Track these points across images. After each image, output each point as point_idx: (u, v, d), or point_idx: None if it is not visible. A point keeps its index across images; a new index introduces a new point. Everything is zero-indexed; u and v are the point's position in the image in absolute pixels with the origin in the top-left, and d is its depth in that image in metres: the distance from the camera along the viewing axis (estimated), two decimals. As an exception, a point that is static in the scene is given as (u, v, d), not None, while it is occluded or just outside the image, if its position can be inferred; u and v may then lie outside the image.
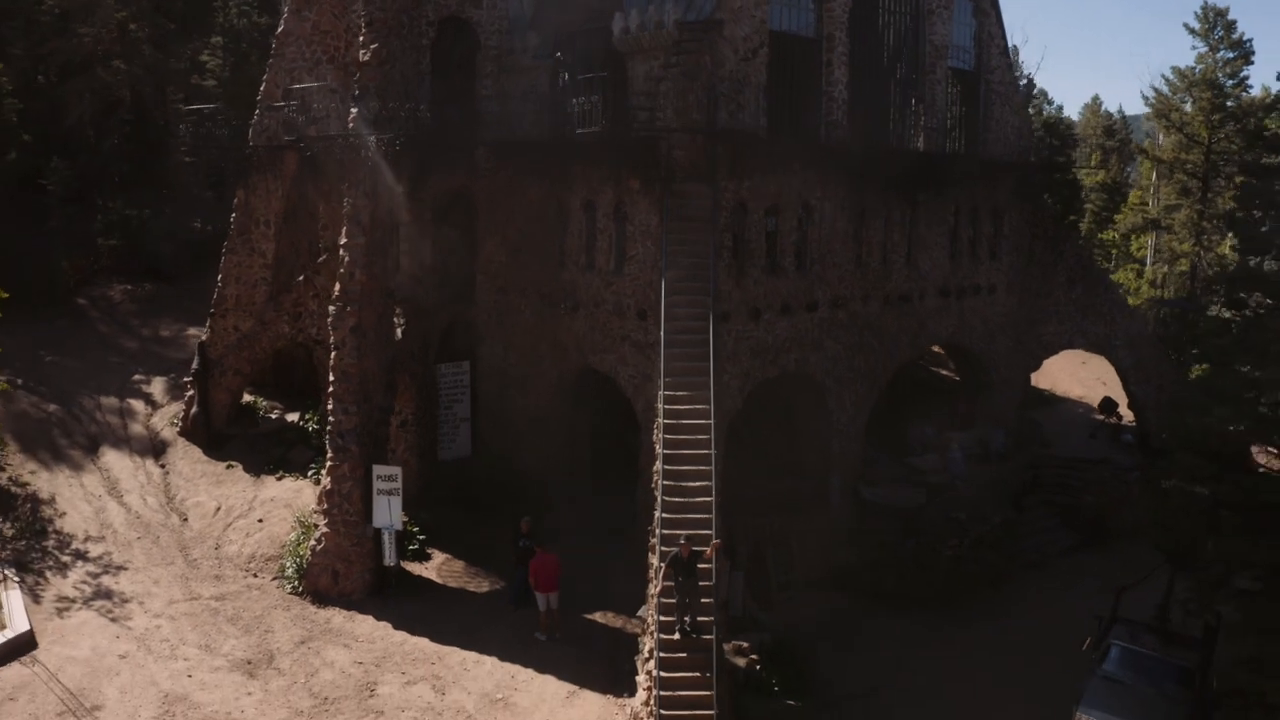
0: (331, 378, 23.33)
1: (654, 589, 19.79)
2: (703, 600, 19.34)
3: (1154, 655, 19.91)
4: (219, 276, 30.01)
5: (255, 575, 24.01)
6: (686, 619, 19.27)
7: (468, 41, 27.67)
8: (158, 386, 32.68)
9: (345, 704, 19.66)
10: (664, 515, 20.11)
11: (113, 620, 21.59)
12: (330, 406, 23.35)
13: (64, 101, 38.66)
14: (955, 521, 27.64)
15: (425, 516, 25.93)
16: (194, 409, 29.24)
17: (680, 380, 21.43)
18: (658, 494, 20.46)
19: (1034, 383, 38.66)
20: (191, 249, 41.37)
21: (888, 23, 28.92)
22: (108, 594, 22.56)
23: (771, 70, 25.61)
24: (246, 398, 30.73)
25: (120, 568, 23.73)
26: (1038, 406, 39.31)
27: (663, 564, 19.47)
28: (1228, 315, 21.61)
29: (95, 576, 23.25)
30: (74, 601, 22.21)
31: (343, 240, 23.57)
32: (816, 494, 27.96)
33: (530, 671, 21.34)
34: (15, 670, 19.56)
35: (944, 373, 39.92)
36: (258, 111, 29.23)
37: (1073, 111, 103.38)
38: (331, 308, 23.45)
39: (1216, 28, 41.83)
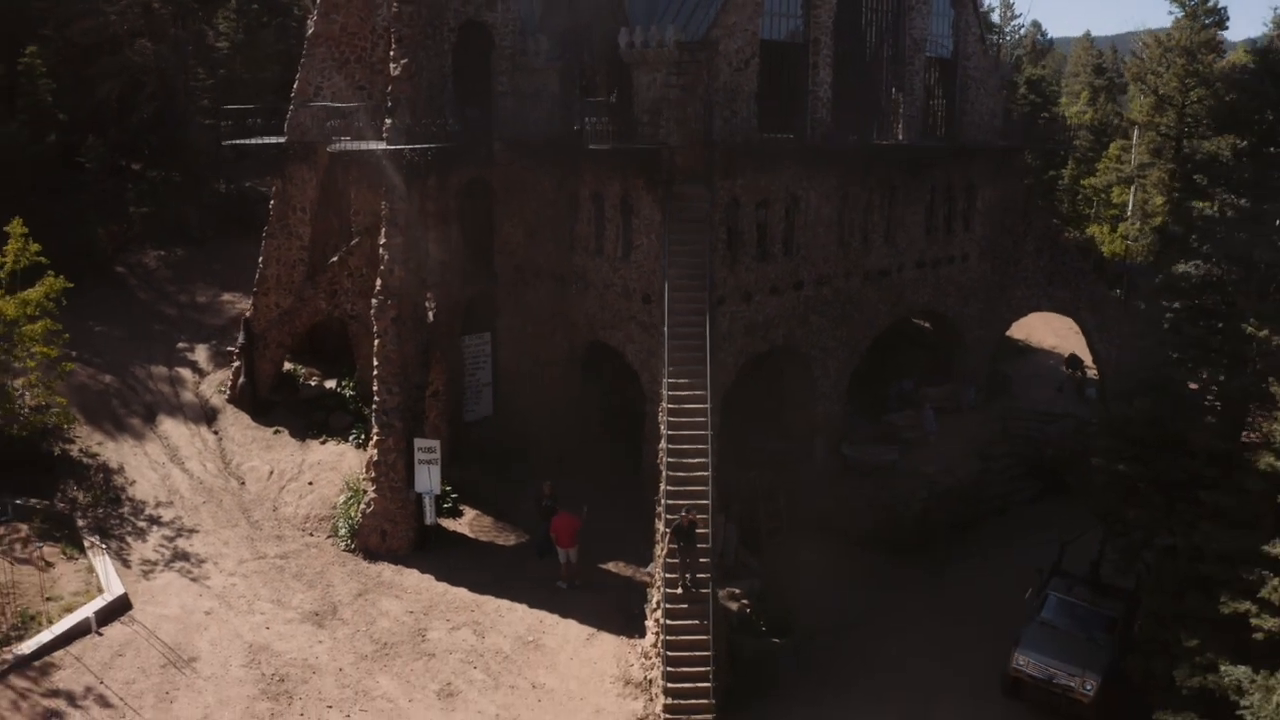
0: (376, 363, 26.69)
1: (660, 551, 23.51)
2: (701, 560, 23.07)
3: (1085, 605, 23.73)
4: (260, 259, 33.09)
5: (311, 534, 27.70)
6: (688, 576, 23.03)
7: (484, 42, 30.29)
8: (202, 354, 35.99)
9: (402, 648, 23.51)
10: (668, 488, 23.73)
11: (193, 580, 25.28)
12: (375, 388, 26.76)
13: (92, 80, 41.13)
14: (924, 476, 31.38)
15: (457, 474, 29.44)
16: (241, 379, 32.62)
17: (681, 369, 24.83)
18: (663, 469, 24.04)
19: (1010, 333, 42.01)
20: (216, 212, 44.39)
21: (870, 21, 31.66)
22: (185, 556, 26.22)
23: (762, 76, 28.49)
24: (286, 366, 34.06)
25: (192, 531, 27.37)
26: (1012, 357, 42.83)
27: (668, 530, 23.17)
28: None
29: (171, 540, 26.89)
30: (156, 564, 25.84)
31: (382, 241, 26.71)
32: (803, 452, 31.66)
33: (555, 616, 25.18)
34: (118, 629, 23.24)
35: (927, 325, 43.25)
36: (292, 107, 31.94)
37: (1062, 34, 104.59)
38: (374, 300, 26.70)
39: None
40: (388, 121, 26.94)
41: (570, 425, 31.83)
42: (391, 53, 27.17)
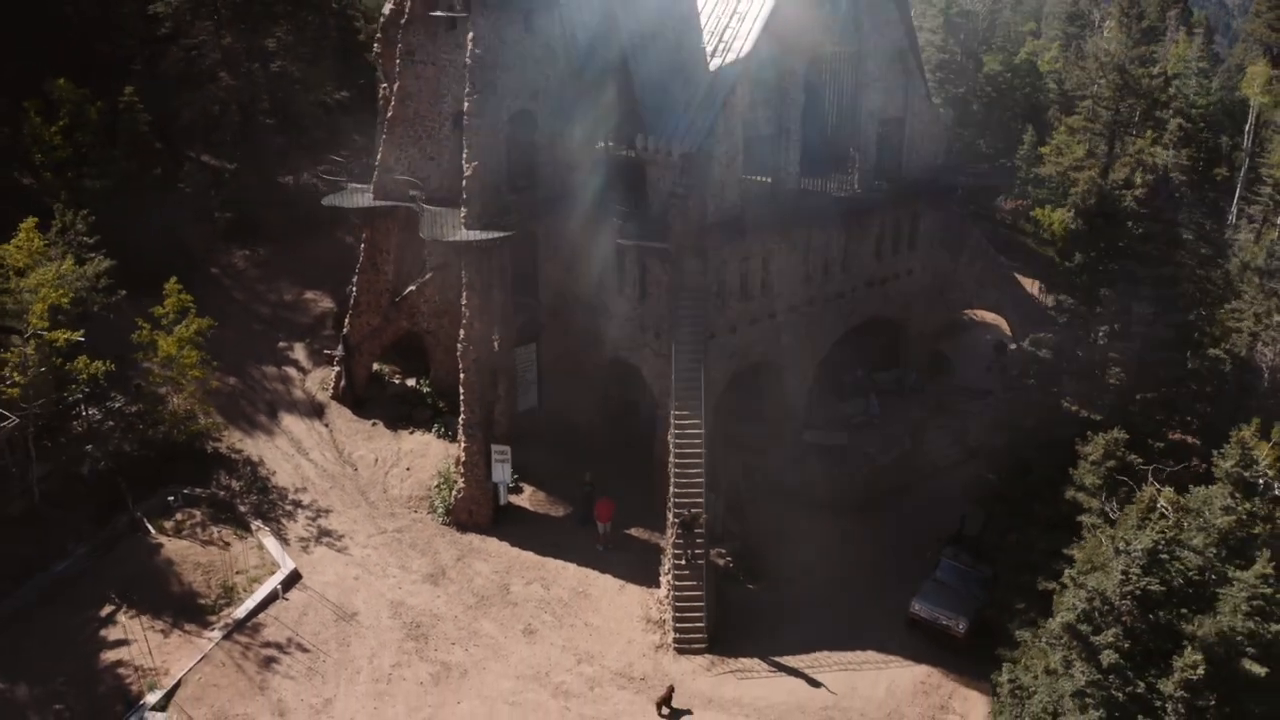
0: (462, 391, 37.97)
1: (670, 535, 35.40)
2: (698, 541, 34.96)
3: (966, 568, 35.79)
4: (354, 290, 43.89)
5: (415, 512, 39.51)
6: (689, 552, 35.00)
7: (530, 125, 40.39)
8: (300, 352, 47.19)
9: (494, 599, 35.59)
10: (675, 491, 35.45)
11: (339, 552, 37.16)
12: (462, 409, 38.04)
13: (178, 109, 51.17)
14: (867, 453, 43.17)
15: (519, 459, 40.68)
16: (342, 381, 43.98)
17: (684, 404, 36.21)
18: (671, 477, 35.69)
19: (953, 308, 53.13)
20: (287, 210, 54.46)
21: (833, 102, 41.91)
22: (329, 533, 38.00)
23: (745, 164, 39.06)
24: (375, 367, 45.35)
25: (327, 511, 39.12)
26: (956, 332, 54.11)
27: (676, 521, 35.06)
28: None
29: (314, 519, 38.65)
30: (309, 541, 37.64)
31: (464, 302, 37.68)
32: (774, 437, 43.33)
33: (596, 572, 37.16)
34: (297, 595, 35.10)
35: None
36: (377, 173, 42.25)
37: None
38: (459, 346, 37.83)
39: (1132, 15, 53.62)
40: (462, 211, 37.66)
41: (599, 416, 43.33)
42: (465, 155, 37.60)
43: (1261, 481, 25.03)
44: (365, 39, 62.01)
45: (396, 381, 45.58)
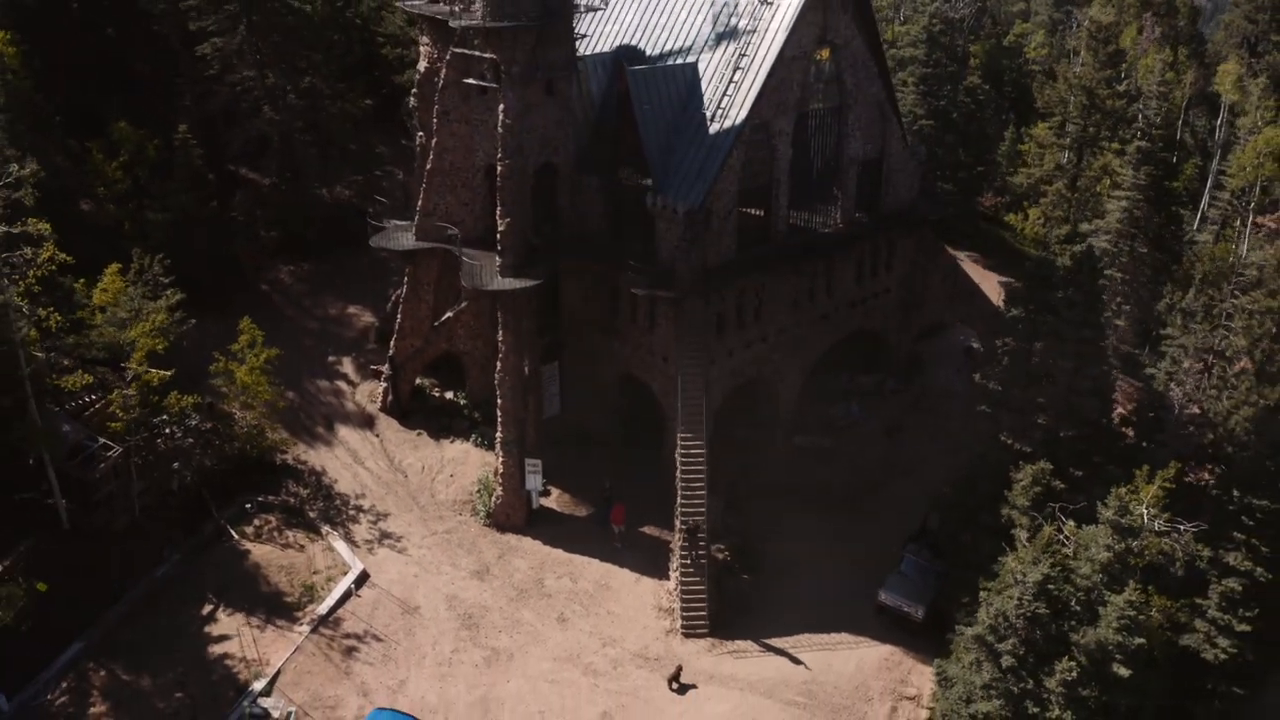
0: (500, 414, 45.63)
1: (677, 538, 43.45)
2: (700, 543, 43.04)
3: (925, 563, 43.93)
4: (399, 315, 51.34)
5: (460, 514, 47.50)
6: (694, 553, 43.11)
7: (553, 174, 47.65)
8: (349, 366, 54.80)
9: (531, 591, 43.68)
10: (681, 502, 43.32)
11: (399, 553, 45.14)
12: (500, 428, 45.73)
13: (227, 142, 58.34)
14: (848, 455, 51.16)
15: (546, 463, 48.61)
16: (389, 396, 51.80)
17: (688, 426, 44.01)
18: (678, 490, 43.55)
19: (932, 307, 60.69)
20: (327, 224, 61.54)
21: (818, 150, 49.12)
22: (389, 535, 45.96)
23: (739, 207, 46.47)
24: (417, 381, 53.10)
25: (385, 515, 47.01)
26: (935, 332, 61.58)
27: (683, 528, 43.12)
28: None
29: (375, 523, 46.62)
30: (373, 543, 45.61)
31: (500, 336, 45.27)
32: (767, 440, 51.28)
33: (615, 567, 45.17)
34: (367, 593, 43.05)
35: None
36: (418, 218, 49.51)
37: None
38: (497, 376, 45.51)
39: (1099, 40, 60.48)
40: (497, 260, 45.18)
41: (613, 422, 51.22)
42: (499, 210, 44.93)
43: (1144, 517, 33.03)
44: (388, 55, 69.05)
45: (436, 395, 53.37)
